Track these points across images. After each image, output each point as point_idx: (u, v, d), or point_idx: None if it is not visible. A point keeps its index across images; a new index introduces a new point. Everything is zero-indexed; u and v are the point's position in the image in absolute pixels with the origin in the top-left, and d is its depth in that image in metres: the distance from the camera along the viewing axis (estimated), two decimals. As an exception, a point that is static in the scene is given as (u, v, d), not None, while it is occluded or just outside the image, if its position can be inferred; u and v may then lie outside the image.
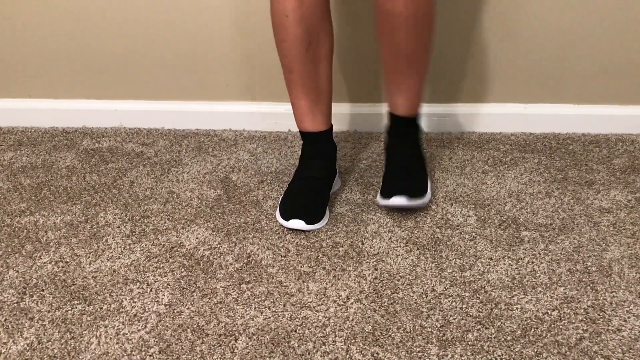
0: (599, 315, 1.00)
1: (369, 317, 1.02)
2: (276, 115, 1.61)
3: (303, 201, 1.24)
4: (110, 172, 1.45)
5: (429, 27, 1.16)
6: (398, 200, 1.21)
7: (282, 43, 1.20)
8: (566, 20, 1.45)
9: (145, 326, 1.01)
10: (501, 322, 0.99)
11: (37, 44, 1.59)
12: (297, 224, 1.20)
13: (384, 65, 1.21)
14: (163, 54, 1.58)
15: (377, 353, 0.95)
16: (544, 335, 0.97)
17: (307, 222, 1.20)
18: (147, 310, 1.04)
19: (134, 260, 1.16)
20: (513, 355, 0.94)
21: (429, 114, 1.57)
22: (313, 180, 1.27)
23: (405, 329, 0.99)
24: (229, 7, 1.50)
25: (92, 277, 1.12)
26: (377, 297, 1.06)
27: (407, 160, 1.28)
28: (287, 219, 1.21)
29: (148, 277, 1.12)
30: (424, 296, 1.06)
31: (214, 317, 1.03)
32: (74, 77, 1.63)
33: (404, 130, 1.28)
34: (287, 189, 1.29)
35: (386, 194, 1.23)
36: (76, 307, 1.05)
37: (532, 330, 0.98)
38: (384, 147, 1.35)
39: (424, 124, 1.57)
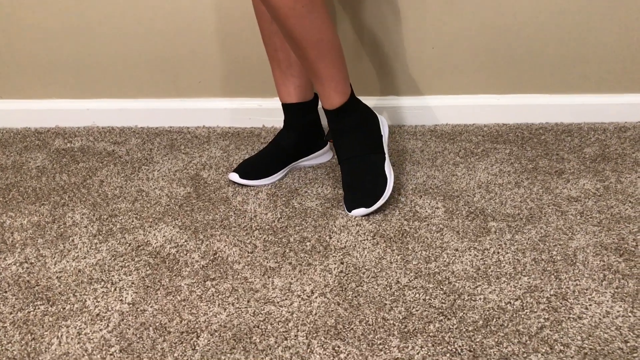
0: (561, 303, 0.99)
1: (332, 310, 1.02)
2: (250, 111, 1.61)
3: (251, 161, 1.37)
4: (81, 171, 1.44)
5: (312, 13, 1.12)
6: (359, 212, 1.24)
7: (257, 18, 1.30)
8: (538, 11, 1.45)
9: (108, 325, 1.01)
10: (463, 313, 0.99)
11: (7, 44, 1.58)
12: (233, 176, 1.34)
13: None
14: (135, 51, 1.57)
15: (339, 346, 0.95)
16: (506, 324, 0.96)
17: (241, 176, 1.34)
18: (110, 309, 1.04)
19: (99, 259, 1.15)
20: (473, 346, 0.93)
21: (403, 107, 1.57)
22: (273, 147, 1.38)
23: (368, 321, 0.99)
24: (200, 4, 1.50)
25: (57, 277, 1.12)
26: (342, 290, 1.06)
27: (354, 155, 1.26)
28: (230, 172, 1.37)
29: (113, 276, 1.11)
30: (388, 288, 1.05)
31: (177, 314, 1.02)
32: (46, 77, 1.62)
33: (338, 123, 1.26)
34: None
35: (347, 208, 1.26)
36: (39, 308, 1.05)
37: (494, 320, 0.97)
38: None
39: (398, 117, 1.57)
